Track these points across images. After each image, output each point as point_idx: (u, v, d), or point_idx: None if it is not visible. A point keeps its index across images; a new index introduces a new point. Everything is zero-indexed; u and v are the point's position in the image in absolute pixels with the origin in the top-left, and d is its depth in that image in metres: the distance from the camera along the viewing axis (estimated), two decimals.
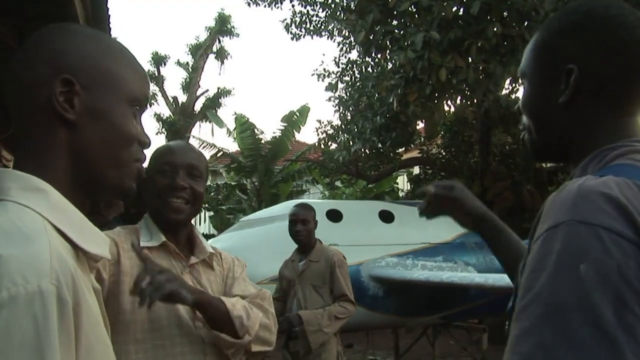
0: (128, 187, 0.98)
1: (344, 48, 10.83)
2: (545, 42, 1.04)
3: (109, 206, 3.44)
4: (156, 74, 21.47)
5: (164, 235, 1.78)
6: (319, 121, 10.97)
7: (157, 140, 19.38)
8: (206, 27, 21.65)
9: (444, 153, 11.14)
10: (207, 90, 21.65)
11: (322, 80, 10.96)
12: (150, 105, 21.56)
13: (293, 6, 11.60)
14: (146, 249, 1.74)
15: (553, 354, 0.73)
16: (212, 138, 26.71)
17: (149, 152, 1.86)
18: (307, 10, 11.48)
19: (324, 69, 10.98)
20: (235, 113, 14.46)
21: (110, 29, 4.07)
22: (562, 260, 0.77)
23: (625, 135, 0.97)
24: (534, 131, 1.08)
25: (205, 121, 20.83)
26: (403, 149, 10.73)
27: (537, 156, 1.13)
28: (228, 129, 15.79)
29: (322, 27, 11.41)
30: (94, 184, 0.95)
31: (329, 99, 10.52)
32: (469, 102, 7.97)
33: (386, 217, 7.09)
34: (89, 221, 0.93)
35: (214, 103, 21.35)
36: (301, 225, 4.19)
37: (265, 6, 11.81)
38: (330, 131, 10.65)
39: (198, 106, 21.38)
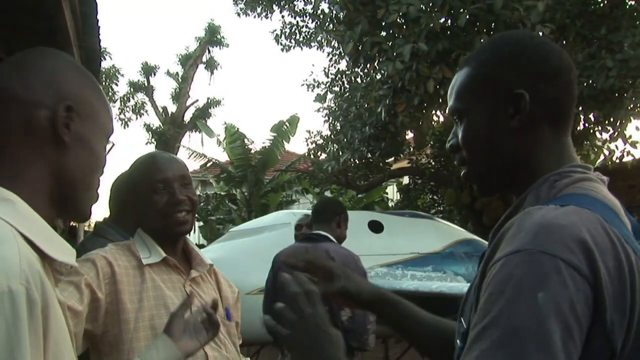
0: (88, 211, 1.04)
1: (333, 59, 10.88)
2: (483, 75, 1.07)
3: None
4: (146, 84, 21.50)
5: (162, 250, 1.78)
6: (309, 131, 10.96)
7: (147, 150, 19.31)
8: (196, 37, 21.75)
9: (433, 163, 11.16)
10: (196, 101, 21.71)
11: (312, 90, 10.97)
12: (140, 116, 21.58)
13: (283, 17, 11.66)
14: (147, 266, 1.74)
15: None
16: (201, 148, 26.59)
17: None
18: (297, 22, 11.53)
19: (314, 80, 11.00)
20: (225, 123, 14.49)
21: (100, 39, 4.08)
22: (522, 287, 0.81)
23: (566, 158, 1.04)
24: (482, 165, 1.09)
25: (195, 131, 20.85)
26: (392, 159, 10.75)
27: (486, 189, 1.15)
28: (218, 139, 15.82)
29: (312, 37, 11.46)
30: (66, 203, 0.99)
31: (318, 110, 10.54)
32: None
33: (375, 227, 7.10)
34: (55, 232, 0.95)
35: (203, 113, 21.38)
36: (307, 230, 4.18)
37: (255, 17, 11.86)
38: (320, 141, 10.65)
39: (188, 116, 21.41)
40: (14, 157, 0.93)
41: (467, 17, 5.96)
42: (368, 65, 7.78)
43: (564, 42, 7.15)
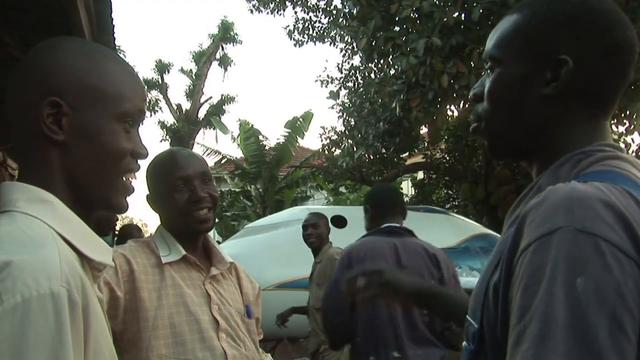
0: (117, 202, 1.00)
1: (347, 54, 10.86)
2: (533, 29, 0.94)
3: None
4: (160, 81, 21.55)
5: (182, 247, 1.77)
6: (323, 127, 10.99)
7: (162, 147, 19.41)
8: (209, 34, 21.75)
9: (447, 158, 11.13)
10: (210, 97, 21.73)
11: (326, 86, 10.97)
12: (154, 113, 21.67)
13: (296, 13, 11.67)
14: (167, 264, 1.72)
15: None
16: (216, 145, 26.77)
17: (146, 161, 1.88)
18: (310, 17, 11.53)
19: (327, 75, 11.00)
20: (239, 119, 14.54)
21: (114, 38, 4.10)
22: (558, 272, 0.71)
23: (597, 138, 0.92)
24: (500, 123, 0.98)
25: (209, 128, 20.89)
26: (407, 154, 10.73)
27: (495, 149, 1.02)
28: (232, 135, 15.84)
29: (325, 33, 11.45)
30: (87, 200, 0.97)
31: (332, 107, 10.53)
32: (471, 107, 7.96)
33: None
34: (92, 231, 0.95)
35: (217, 110, 21.40)
36: (312, 229, 4.50)
37: (268, 13, 11.87)
38: (334, 137, 10.66)
39: (202, 113, 21.45)
40: (30, 161, 0.94)
41: (481, 11, 5.91)
42: (382, 61, 7.76)
43: None
